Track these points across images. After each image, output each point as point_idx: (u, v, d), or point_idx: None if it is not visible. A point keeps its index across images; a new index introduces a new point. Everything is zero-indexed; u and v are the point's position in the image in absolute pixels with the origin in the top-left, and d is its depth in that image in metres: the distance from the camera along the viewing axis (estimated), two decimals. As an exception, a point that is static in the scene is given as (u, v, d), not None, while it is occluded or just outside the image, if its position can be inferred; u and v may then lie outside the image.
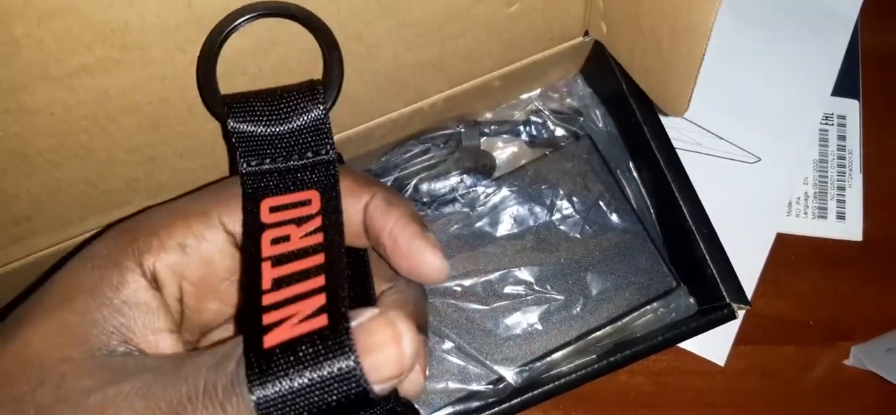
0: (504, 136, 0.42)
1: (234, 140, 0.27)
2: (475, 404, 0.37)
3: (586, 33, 0.38)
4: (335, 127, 0.37)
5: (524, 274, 0.39)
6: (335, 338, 0.20)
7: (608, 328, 0.39)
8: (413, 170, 0.41)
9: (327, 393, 0.20)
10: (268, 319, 0.21)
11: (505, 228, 0.40)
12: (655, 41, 0.32)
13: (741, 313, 0.37)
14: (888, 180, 0.49)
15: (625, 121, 0.40)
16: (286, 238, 0.24)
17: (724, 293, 0.36)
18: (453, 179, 0.40)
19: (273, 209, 0.25)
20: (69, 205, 0.34)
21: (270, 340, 0.20)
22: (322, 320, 0.21)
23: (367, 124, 0.37)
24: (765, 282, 0.47)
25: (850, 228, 0.47)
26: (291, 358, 0.20)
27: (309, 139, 0.27)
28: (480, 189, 0.40)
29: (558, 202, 0.40)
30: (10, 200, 0.32)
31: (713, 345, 0.45)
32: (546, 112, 0.41)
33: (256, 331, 0.21)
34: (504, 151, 0.43)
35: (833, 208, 0.48)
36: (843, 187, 0.48)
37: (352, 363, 0.20)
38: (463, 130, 0.40)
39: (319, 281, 0.22)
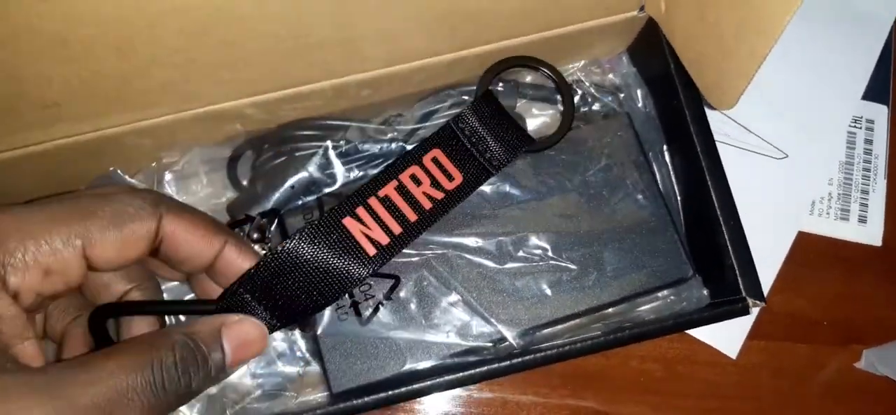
0: (540, 102, 0.41)
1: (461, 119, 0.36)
2: (473, 358, 0.37)
3: (642, 8, 0.37)
4: (376, 62, 0.36)
5: (541, 240, 0.38)
6: None
7: (618, 307, 0.39)
8: (442, 121, 0.40)
9: None
10: None
11: (528, 191, 0.39)
12: (717, 32, 0.32)
13: (755, 310, 0.36)
14: (912, 188, 0.50)
15: (665, 103, 0.40)
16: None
17: (742, 287, 0.36)
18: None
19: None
20: (100, 97, 0.34)
21: None
22: None
23: (407, 65, 0.37)
24: (782, 278, 0.47)
25: (871, 232, 0.47)
26: None
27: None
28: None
29: (586, 175, 0.39)
30: (43, 84, 0.32)
31: (727, 337, 0.46)
32: (587, 84, 0.41)
33: None
34: (537, 119, 0.42)
35: (855, 211, 0.48)
36: (866, 191, 0.48)
37: None
38: (501, 88, 0.39)
39: None
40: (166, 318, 0.33)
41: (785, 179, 0.47)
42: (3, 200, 0.40)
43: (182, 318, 0.35)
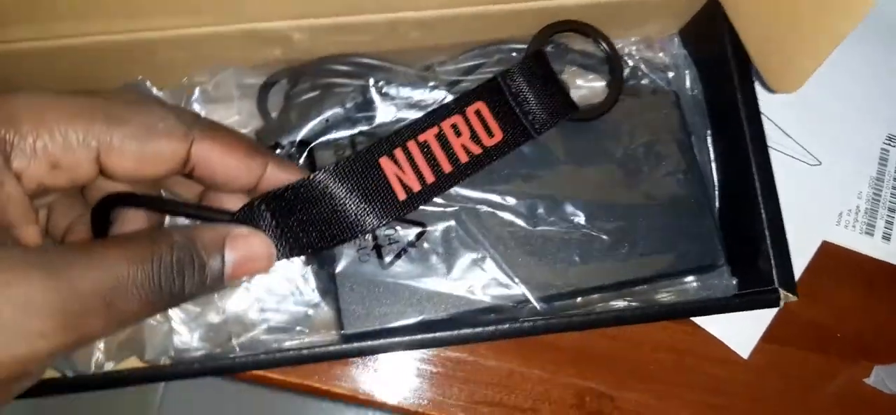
0: (588, 72, 0.41)
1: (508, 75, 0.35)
2: (491, 316, 0.36)
3: (705, -13, 0.37)
4: (433, 2, 0.35)
5: (576, 207, 0.38)
6: None
7: (643, 287, 0.38)
8: (487, 75, 0.39)
9: None
10: None
11: (568, 156, 0.38)
12: (793, 11, 0.31)
13: (783, 302, 0.36)
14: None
15: (715, 87, 0.39)
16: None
17: (776, 277, 0.36)
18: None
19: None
20: None
21: None
22: None
23: (464, 10, 0.36)
24: (801, 285, 0.46)
25: (894, 251, 0.47)
26: None
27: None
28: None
29: (628, 148, 0.39)
30: None
31: (740, 336, 0.45)
32: (637, 58, 0.40)
33: None
34: (580, 89, 0.41)
35: (881, 227, 0.47)
36: (893, 210, 0.48)
37: None
38: (551, 49, 0.38)
39: None
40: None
41: (815, 186, 0.47)
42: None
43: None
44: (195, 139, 0.27)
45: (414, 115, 0.39)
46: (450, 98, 0.39)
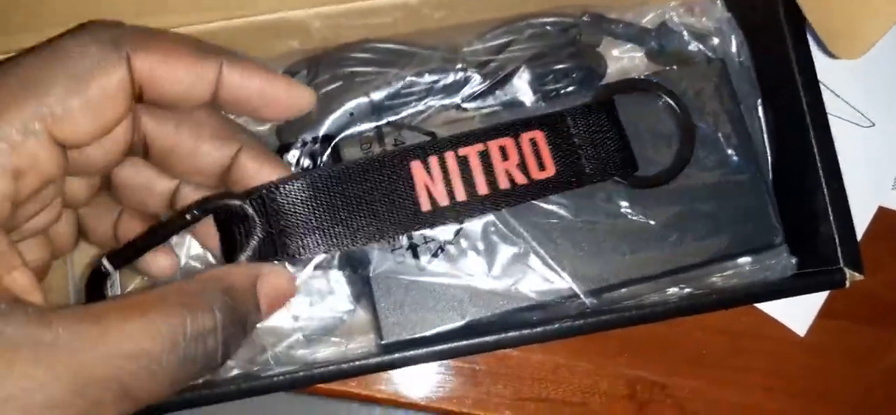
0: (626, 43, 0.38)
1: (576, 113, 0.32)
2: (539, 315, 0.34)
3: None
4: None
5: (621, 192, 0.35)
6: None
7: (697, 271, 0.36)
8: (520, 54, 0.36)
9: None
10: None
11: (611, 138, 0.35)
12: None
13: (849, 283, 0.34)
14: None
15: (766, 53, 0.37)
16: None
17: (840, 256, 0.33)
18: (560, 74, 0.36)
19: None
20: None
21: None
22: None
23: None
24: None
25: (954, 214, 0.44)
26: None
27: None
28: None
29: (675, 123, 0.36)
30: None
31: (796, 313, 0.43)
32: (679, 24, 0.37)
33: None
34: (618, 62, 0.39)
35: (941, 189, 0.45)
36: (953, 169, 0.45)
37: None
38: (587, 19, 0.36)
39: None
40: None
41: (869, 149, 0.45)
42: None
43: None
44: (130, 54, 0.22)
45: (443, 101, 0.36)
46: (478, 80, 0.36)
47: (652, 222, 0.35)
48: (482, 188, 0.30)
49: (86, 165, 0.24)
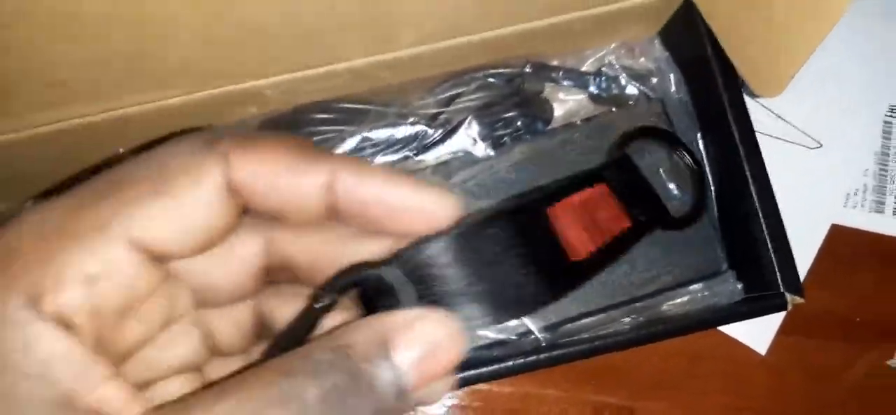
0: (569, 87, 0.40)
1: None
2: (497, 352, 0.36)
3: (680, -12, 0.36)
4: (402, 43, 0.35)
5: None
6: None
7: (647, 301, 0.37)
8: (469, 105, 0.38)
9: None
10: None
11: (556, 178, 0.37)
12: (767, 15, 0.30)
13: (791, 306, 0.35)
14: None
15: (701, 90, 0.38)
16: None
17: (780, 281, 0.35)
18: (507, 122, 0.38)
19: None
20: (110, 77, 0.32)
21: None
22: None
23: (433, 46, 0.35)
24: (815, 273, 0.46)
25: (907, 226, 0.46)
26: None
27: None
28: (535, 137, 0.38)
29: (618, 163, 0.37)
30: (49, 63, 0.30)
31: (756, 333, 0.44)
32: (618, 67, 0.39)
33: None
34: (564, 104, 0.41)
35: (891, 204, 0.46)
36: (903, 183, 0.46)
37: None
38: (529, 70, 0.38)
39: None
40: None
41: (818, 169, 0.46)
42: (10, 186, 0.39)
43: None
44: (227, 153, 0.19)
45: (397, 156, 0.38)
46: (430, 133, 0.38)
47: (601, 258, 0.36)
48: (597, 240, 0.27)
49: (208, 289, 0.21)
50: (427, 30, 0.34)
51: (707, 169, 0.38)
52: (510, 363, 0.34)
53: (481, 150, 0.38)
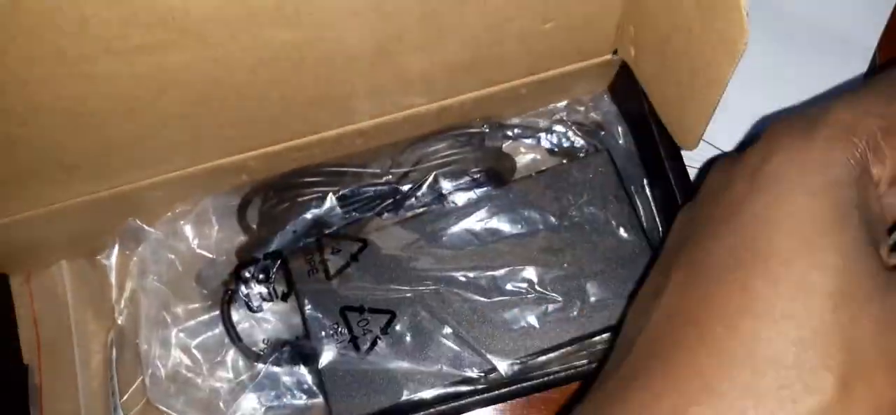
0: (526, 141, 0.44)
1: None
2: (466, 388, 0.39)
3: (615, 52, 0.39)
4: (365, 115, 0.39)
5: (528, 273, 0.40)
6: None
7: (603, 336, 0.40)
8: (434, 163, 0.42)
9: None
10: None
11: (516, 227, 0.41)
12: (676, 78, 0.34)
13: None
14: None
15: (644, 140, 0.42)
16: None
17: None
18: (472, 177, 0.42)
19: None
20: (115, 158, 0.37)
21: None
22: None
23: (398, 115, 0.39)
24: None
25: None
26: None
27: None
28: (497, 189, 0.42)
29: (570, 210, 0.41)
30: (61, 150, 0.35)
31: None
32: (569, 123, 0.43)
33: None
34: (525, 156, 0.45)
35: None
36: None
37: None
38: (487, 130, 0.42)
39: None
40: None
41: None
42: (28, 255, 0.43)
43: None
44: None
45: (373, 212, 0.43)
46: (402, 191, 0.42)
47: (558, 298, 0.40)
48: None
49: None
50: (386, 103, 0.38)
51: (653, 207, 0.42)
52: (477, 398, 0.39)
53: (449, 203, 0.42)
